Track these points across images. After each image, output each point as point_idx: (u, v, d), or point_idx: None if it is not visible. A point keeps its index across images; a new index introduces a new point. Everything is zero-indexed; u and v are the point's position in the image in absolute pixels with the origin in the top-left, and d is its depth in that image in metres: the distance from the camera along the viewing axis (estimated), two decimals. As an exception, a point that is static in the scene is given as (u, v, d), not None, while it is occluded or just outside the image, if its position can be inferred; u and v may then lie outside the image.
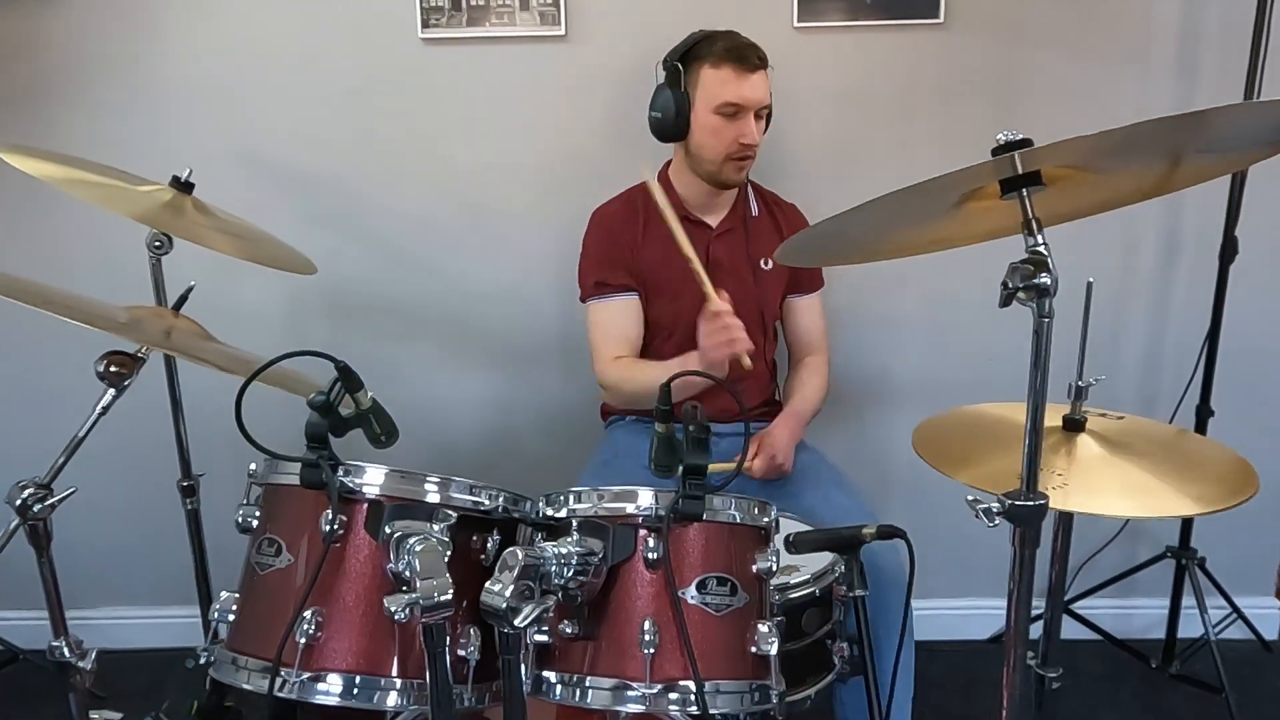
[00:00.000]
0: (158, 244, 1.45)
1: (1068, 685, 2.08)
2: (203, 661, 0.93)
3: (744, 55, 1.61)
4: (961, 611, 2.27)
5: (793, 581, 1.24)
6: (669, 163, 1.80)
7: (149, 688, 1.85)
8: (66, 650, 1.06)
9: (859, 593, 1.10)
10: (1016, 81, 1.98)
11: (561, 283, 1.99)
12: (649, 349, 1.74)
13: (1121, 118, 2.14)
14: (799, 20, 1.94)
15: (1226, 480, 1.01)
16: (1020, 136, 0.79)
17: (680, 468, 0.89)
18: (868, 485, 1.88)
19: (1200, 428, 1.96)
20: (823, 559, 1.28)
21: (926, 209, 0.92)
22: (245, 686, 0.89)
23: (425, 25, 1.95)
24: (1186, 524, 2.04)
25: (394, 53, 1.97)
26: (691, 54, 1.65)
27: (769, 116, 1.72)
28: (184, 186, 1.45)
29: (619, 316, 1.71)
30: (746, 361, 1.41)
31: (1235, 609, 2.14)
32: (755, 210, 1.81)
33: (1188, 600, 2.06)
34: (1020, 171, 0.77)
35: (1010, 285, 0.78)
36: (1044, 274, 0.77)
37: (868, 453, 2.17)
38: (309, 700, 0.87)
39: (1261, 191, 1.94)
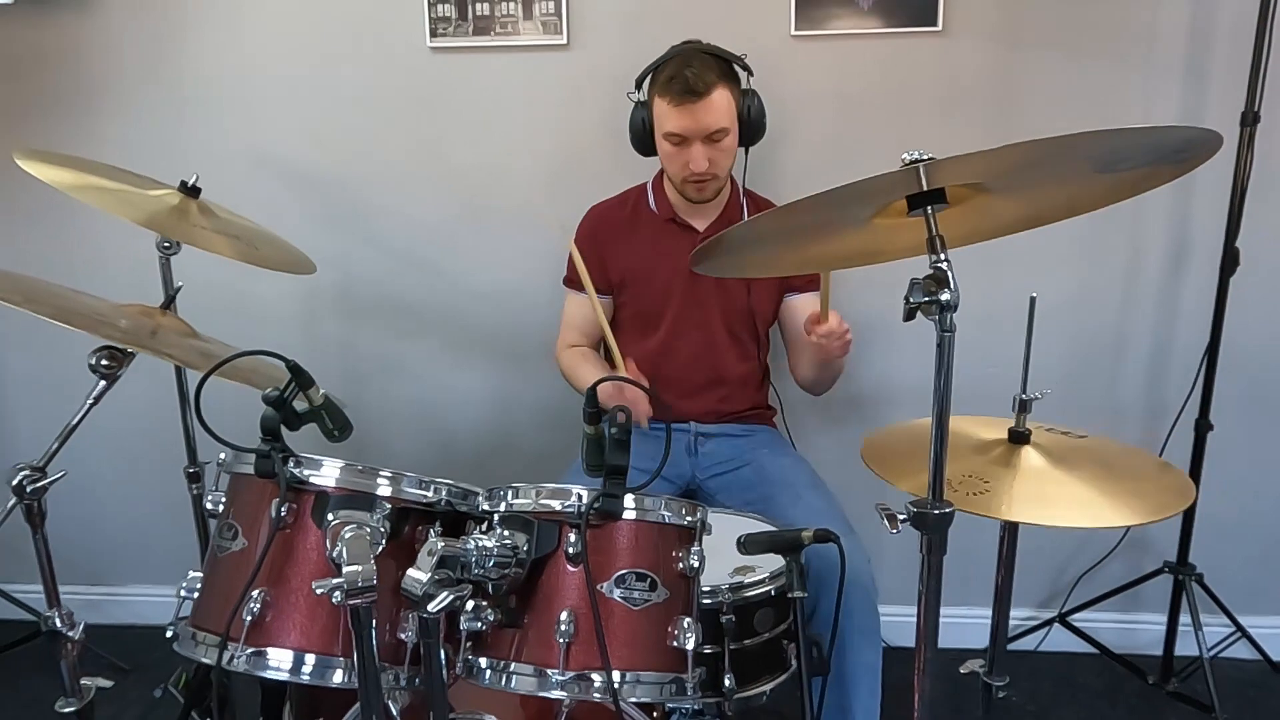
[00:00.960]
0: (166, 245, 1.54)
1: (1062, 694, 2.09)
2: (168, 635, 1.00)
3: (687, 85, 1.59)
4: (959, 620, 2.27)
5: (747, 581, 1.28)
6: (662, 169, 1.84)
7: (168, 661, 1.96)
8: (59, 621, 1.15)
9: (797, 594, 1.13)
10: (1016, 89, 1.97)
11: (560, 283, 2.05)
12: (631, 342, 1.78)
13: (1125, 123, 2.13)
14: (796, 28, 1.96)
15: (1164, 494, 1.02)
16: (927, 156, 0.81)
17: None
18: (857, 492, 1.89)
19: (1199, 442, 1.93)
20: (779, 561, 1.31)
21: (835, 220, 0.95)
22: (203, 660, 0.96)
23: (433, 35, 2.02)
24: (1185, 539, 2.00)
25: (403, 61, 2.05)
26: (650, 80, 1.69)
27: (753, 129, 1.72)
28: (191, 191, 1.55)
29: (583, 308, 1.81)
30: (644, 425, 1.56)
31: (1239, 627, 2.10)
32: (746, 215, 1.84)
33: (1187, 619, 2.03)
34: (925, 188, 0.80)
35: (912, 300, 0.80)
36: (945, 291, 0.80)
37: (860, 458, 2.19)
38: (258, 674, 0.94)
39: (1263, 204, 1.91)
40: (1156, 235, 2.02)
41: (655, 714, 1.23)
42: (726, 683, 1.22)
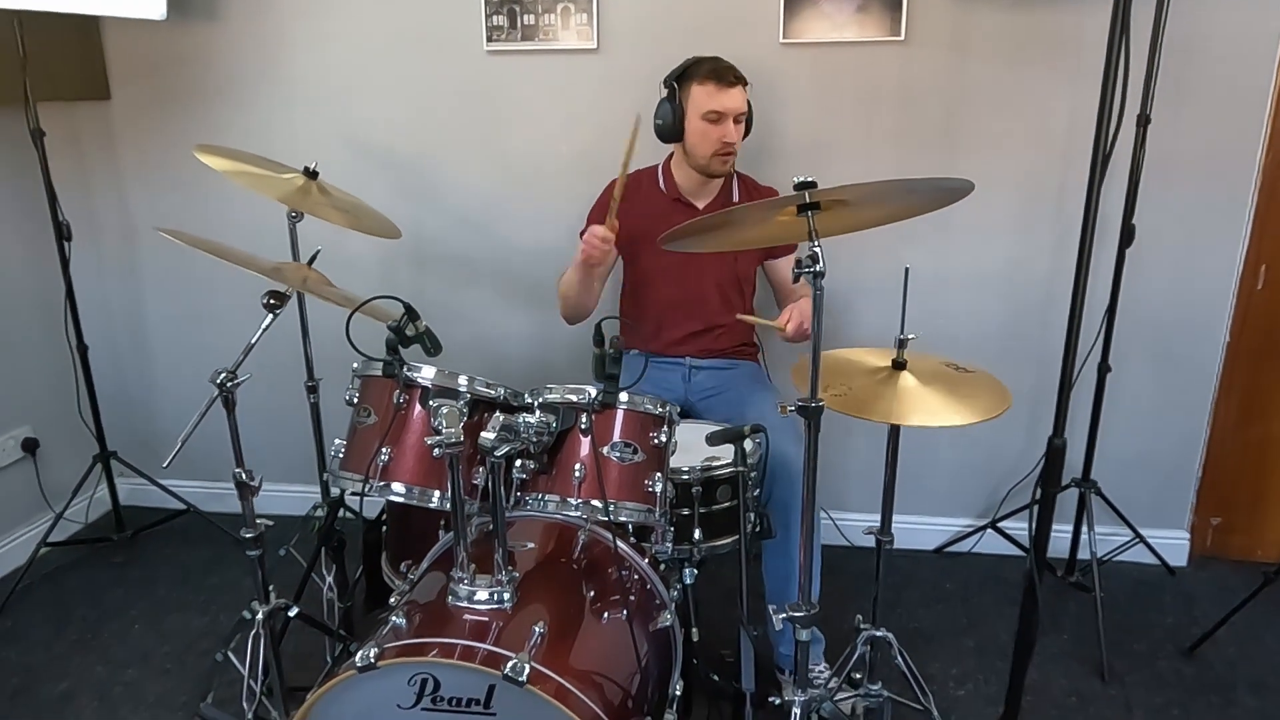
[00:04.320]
0: (294, 215, 2.06)
1: (986, 586, 2.59)
2: (325, 479, 1.55)
3: (723, 74, 2.08)
4: (912, 526, 2.76)
5: (713, 464, 1.79)
6: (671, 155, 2.30)
7: (283, 539, 2.53)
8: (244, 475, 1.69)
9: (739, 469, 1.64)
10: (965, 90, 2.37)
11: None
12: (638, 295, 2.28)
13: (1055, 122, 2.62)
14: (784, 38, 2.39)
15: (991, 401, 1.50)
16: (810, 179, 1.29)
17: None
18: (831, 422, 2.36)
19: (1101, 380, 2.37)
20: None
21: (755, 217, 1.45)
22: (350, 490, 1.50)
23: (489, 40, 2.49)
24: (1089, 459, 2.46)
25: (464, 62, 2.52)
26: (685, 75, 2.13)
27: (749, 123, 2.19)
28: (310, 174, 2.06)
29: None
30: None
31: (1137, 534, 2.57)
32: (737, 196, 2.30)
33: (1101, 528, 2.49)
34: (808, 202, 1.28)
35: (797, 270, 1.29)
36: (817, 264, 1.28)
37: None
38: (387, 499, 1.48)
39: (1162, 188, 2.32)
40: (1077, 214, 2.44)
41: (647, 560, 1.76)
42: (696, 535, 1.75)
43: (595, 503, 1.41)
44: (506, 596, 1.40)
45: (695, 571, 1.79)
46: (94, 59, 2.63)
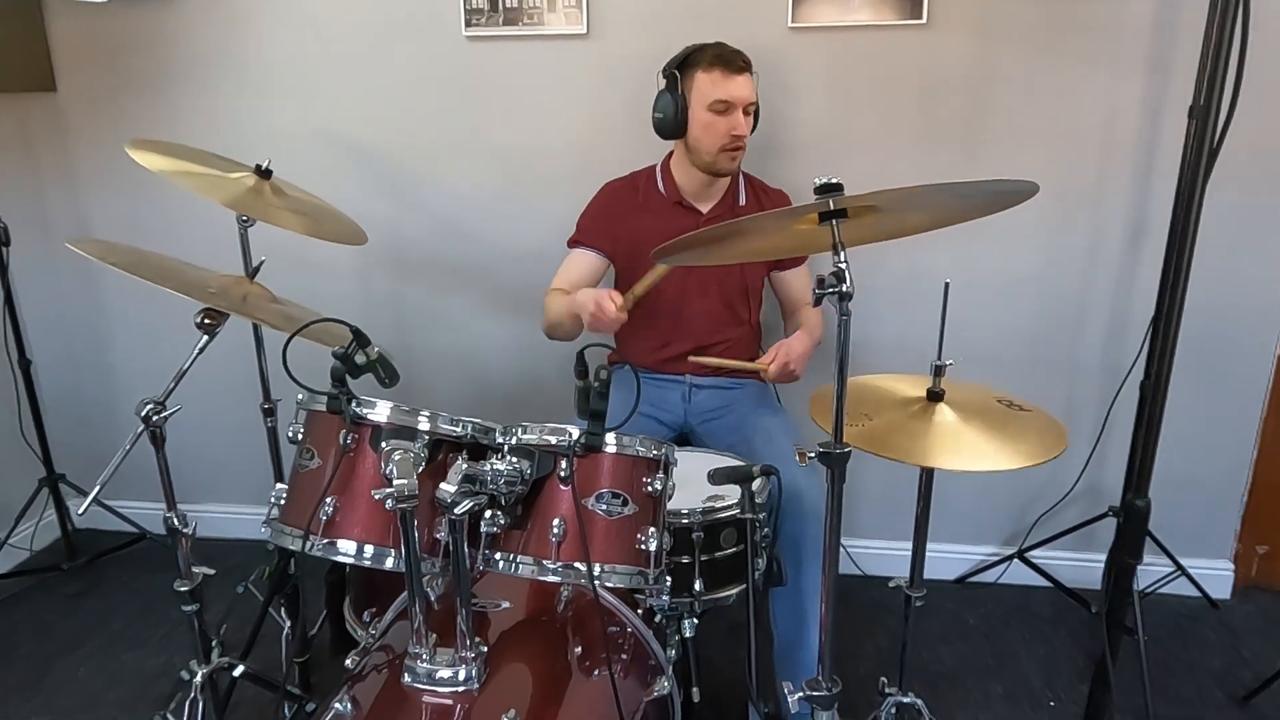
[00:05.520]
0: (244, 219, 1.84)
1: (1013, 620, 2.37)
2: (263, 533, 1.33)
3: (730, 60, 1.86)
4: (931, 554, 2.53)
5: (716, 506, 1.57)
6: (671, 154, 2.08)
7: (243, 567, 2.34)
8: (176, 520, 1.48)
9: (747, 516, 1.42)
10: (992, 79, 2.15)
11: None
12: (638, 308, 2.05)
13: (1090, 115, 2.37)
14: (793, 21, 2.17)
15: (1042, 442, 1.28)
16: (834, 180, 1.06)
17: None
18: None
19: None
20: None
21: (769, 227, 1.22)
22: (290, 547, 1.28)
23: (468, 24, 2.27)
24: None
25: (441, 48, 2.30)
26: (687, 63, 1.91)
27: (756, 114, 1.97)
28: (264, 173, 1.84)
29: (575, 265, 2.04)
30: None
31: (1179, 566, 2.35)
32: (744, 199, 2.08)
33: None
34: (833, 209, 1.06)
35: (818, 291, 1.06)
36: (844, 284, 1.05)
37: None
38: (331, 558, 1.26)
39: (1217, 187, 2.09)
40: (1115, 215, 2.22)
41: (640, 611, 1.54)
42: (696, 586, 1.53)
43: (579, 565, 1.19)
44: (473, 675, 1.19)
45: (696, 622, 1.57)
46: (37, 47, 2.41)
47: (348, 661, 1.35)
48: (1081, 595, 2.41)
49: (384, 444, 1.23)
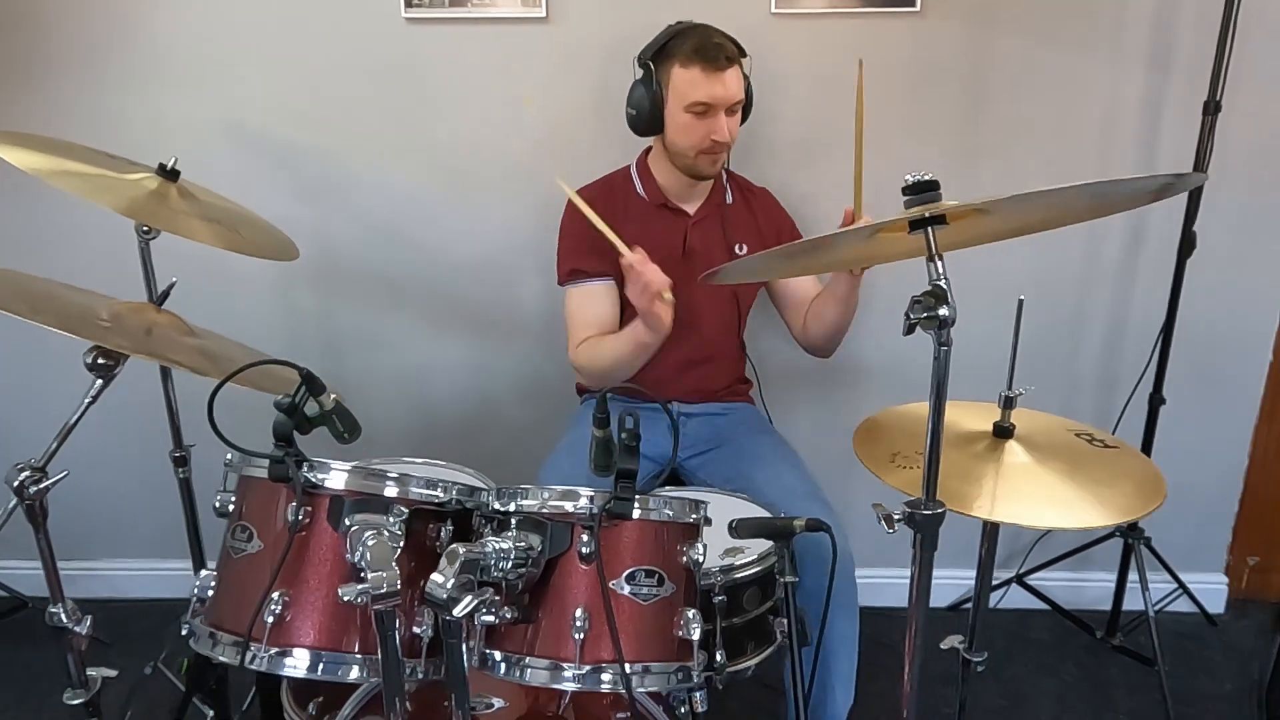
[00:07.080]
0: (145, 229, 1.51)
1: (1015, 650, 2.22)
2: (184, 633, 1.03)
3: (712, 54, 1.62)
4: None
5: (737, 563, 1.33)
6: (649, 150, 1.84)
7: (149, 634, 1.98)
8: (64, 616, 1.16)
9: (790, 579, 1.19)
10: (989, 70, 2.00)
11: (540, 255, 2.04)
12: (622, 323, 1.80)
13: (1090, 108, 2.19)
14: (776, 6, 1.96)
15: (1141, 491, 1.09)
16: (929, 177, 0.85)
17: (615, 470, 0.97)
18: (835, 465, 1.93)
19: (1152, 414, 2.04)
20: (764, 542, 1.37)
21: (847, 239, 0.99)
22: (221, 659, 0.99)
23: (408, 5, 1.98)
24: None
25: (378, 32, 2.00)
26: (663, 52, 1.67)
27: (748, 107, 1.75)
28: (170, 174, 1.51)
29: (593, 302, 1.76)
30: (667, 295, 1.50)
31: (1180, 584, 2.25)
32: (730, 198, 1.86)
33: (1136, 576, 2.16)
34: (927, 216, 0.84)
35: (912, 317, 0.85)
36: (943, 306, 0.84)
37: (839, 433, 2.26)
38: (278, 673, 0.97)
39: (1219, 189, 1.99)
40: (1114, 219, 2.10)
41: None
42: (718, 658, 1.29)
43: (605, 667, 0.93)
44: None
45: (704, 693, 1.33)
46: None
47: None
48: (1081, 618, 2.28)
49: (348, 521, 0.95)
